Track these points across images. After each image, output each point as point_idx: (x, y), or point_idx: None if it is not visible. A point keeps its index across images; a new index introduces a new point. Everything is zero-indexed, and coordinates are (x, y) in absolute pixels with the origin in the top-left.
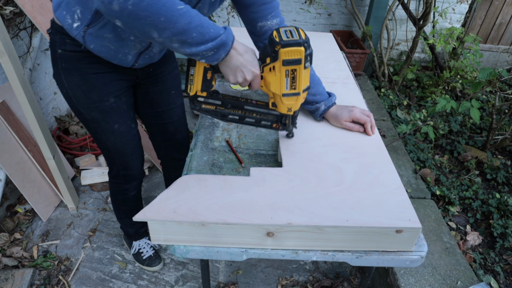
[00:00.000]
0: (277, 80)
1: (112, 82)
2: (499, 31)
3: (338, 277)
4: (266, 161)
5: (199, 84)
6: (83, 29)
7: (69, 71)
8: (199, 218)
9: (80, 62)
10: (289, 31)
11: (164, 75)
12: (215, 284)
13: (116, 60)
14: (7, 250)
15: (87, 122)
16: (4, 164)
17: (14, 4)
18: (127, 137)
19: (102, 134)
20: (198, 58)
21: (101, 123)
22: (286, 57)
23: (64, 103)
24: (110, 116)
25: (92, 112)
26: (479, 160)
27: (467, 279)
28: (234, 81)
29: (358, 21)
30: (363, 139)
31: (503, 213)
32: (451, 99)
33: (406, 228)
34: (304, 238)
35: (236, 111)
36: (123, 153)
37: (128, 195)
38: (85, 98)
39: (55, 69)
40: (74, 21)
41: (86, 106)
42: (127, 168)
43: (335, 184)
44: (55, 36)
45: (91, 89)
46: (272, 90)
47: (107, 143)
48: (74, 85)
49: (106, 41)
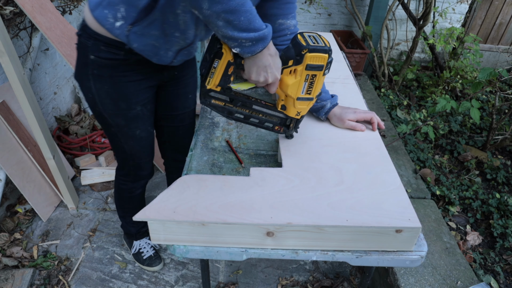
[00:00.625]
0: (296, 83)
1: (141, 90)
2: (499, 31)
3: (338, 277)
4: (266, 162)
5: (218, 78)
6: (127, 28)
7: (100, 78)
8: (199, 218)
9: (113, 70)
10: (313, 37)
11: (186, 78)
12: (215, 284)
13: (156, 57)
14: (7, 250)
15: (108, 126)
16: (4, 164)
17: (14, 4)
18: (146, 141)
19: (121, 138)
20: (233, 45)
21: (123, 129)
22: (311, 62)
23: (64, 103)
24: (134, 123)
25: (117, 119)
26: (479, 160)
27: (467, 279)
28: (255, 79)
29: (358, 21)
30: (363, 140)
31: (503, 213)
32: (451, 99)
33: (406, 227)
34: (304, 238)
35: (243, 109)
36: (139, 155)
37: (134, 193)
38: (113, 106)
39: (83, 73)
40: (116, 20)
41: (112, 113)
42: (140, 169)
43: (335, 184)
44: (87, 40)
45: (120, 97)
46: (288, 92)
47: (125, 146)
48: (104, 92)
49: (151, 39)
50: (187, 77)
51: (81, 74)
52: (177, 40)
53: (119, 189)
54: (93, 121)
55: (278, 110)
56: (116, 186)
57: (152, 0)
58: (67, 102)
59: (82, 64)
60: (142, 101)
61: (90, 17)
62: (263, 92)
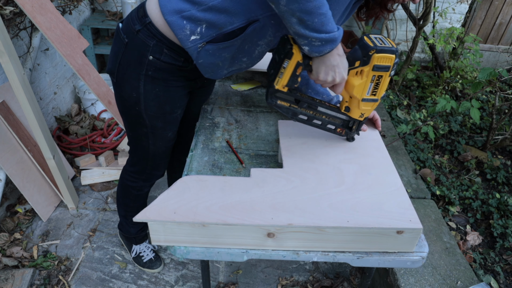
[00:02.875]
0: (361, 84)
1: (184, 95)
2: (499, 31)
3: (338, 277)
4: (266, 162)
5: (287, 79)
6: (200, 44)
7: (153, 80)
8: (200, 219)
9: (169, 74)
10: (380, 38)
11: (210, 88)
12: (215, 284)
13: (212, 74)
14: (7, 250)
15: (141, 126)
16: (4, 164)
17: (14, 4)
18: (172, 143)
19: (150, 139)
20: (303, 43)
21: (158, 130)
22: (378, 62)
23: (64, 103)
24: (170, 125)
25: (156, 121)
26: (479, 160)
27: (467, 279)
28: (323, 78)
29: (358, 21)
30: (364, 140)
31: (503, 213)
32: (451, 99)
33: (407, 229)
34: (305, 239)
35: (308, 111)
36: (161, 156)
37: (142, 192)
38: (158, 108)
39: (134, 72)
40: (193, 34)
41: (153, 115)
42: (156, 169)
43: (335, 185)
44: (149, 39)
45: (168, 100)
46: (354, 93)
47: (151, 147)
48: (153, 94)
49: (218, 59)
50: (210, 87)
51: (129, 72)
52: (241, 64)
53: (126, 186)
54: (93, 121)
55: (342, 112)
56: (123, 184)
57: (239, 29)
58: (67, 102)
59: (135, 63)
60: (183, 106)
61: (161, 19)
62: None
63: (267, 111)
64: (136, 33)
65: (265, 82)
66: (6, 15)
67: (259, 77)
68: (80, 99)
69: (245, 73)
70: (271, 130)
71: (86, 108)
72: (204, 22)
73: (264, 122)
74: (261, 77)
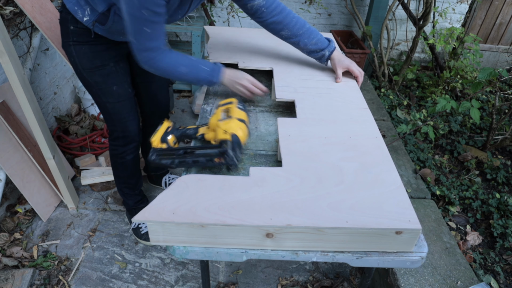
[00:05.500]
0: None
1: (112, 48)
2: (499, 31)
3: (338, 277)
4: (265, 162)
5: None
6: (91, 23)
7: (79, 43)
8: (198, 220)
9: (88, 36)
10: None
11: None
12: (215, 284)
13: (112, 36)
14: (7, 250)
15: (90, 86)
16: (4, 164)
17: (14, 4)
18: (124, 98)
19: (102, 96)
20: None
21: (102, 85)
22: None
23: (64, 103)
24: (110, 79)
25: (94, 76)
26: (479, 160)
27: (467, 279)
28: (236, 92)
29: (358, 21)
30: (364, 138)
31: (503, 213)
32: (451, 99)
33: (406, 229)
34: (304, 239)
35: (187, 156)
36: (121, 115)
37: (125, 159)
38: (90, 63)
39: (66, 41)
40: (84, 16)
41: (89, 71)
42: (125, 131)
43: (335, 184)
44: (67, 15)
45: (95, 55)
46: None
47: (107, 105)
48: (82, 53)
49: (112, 31)
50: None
51: (64, 43)
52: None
53: (112, 157)
54: (93, 121)
55: (212, 144)
56: (110, 153)
57: (107, 10)
58: (67, 102)
59: (64, 34)
60: (115, 57)
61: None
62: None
63: (266, 111)
64: (60, 13)
65: (265, 81)
66: (6, 15)
67: (259, 77)
68: (80, 99)
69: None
70: (271, 130)
71: (86, 108)
72: (86, 5)
73: (264, 122)
74: (260, 77)
